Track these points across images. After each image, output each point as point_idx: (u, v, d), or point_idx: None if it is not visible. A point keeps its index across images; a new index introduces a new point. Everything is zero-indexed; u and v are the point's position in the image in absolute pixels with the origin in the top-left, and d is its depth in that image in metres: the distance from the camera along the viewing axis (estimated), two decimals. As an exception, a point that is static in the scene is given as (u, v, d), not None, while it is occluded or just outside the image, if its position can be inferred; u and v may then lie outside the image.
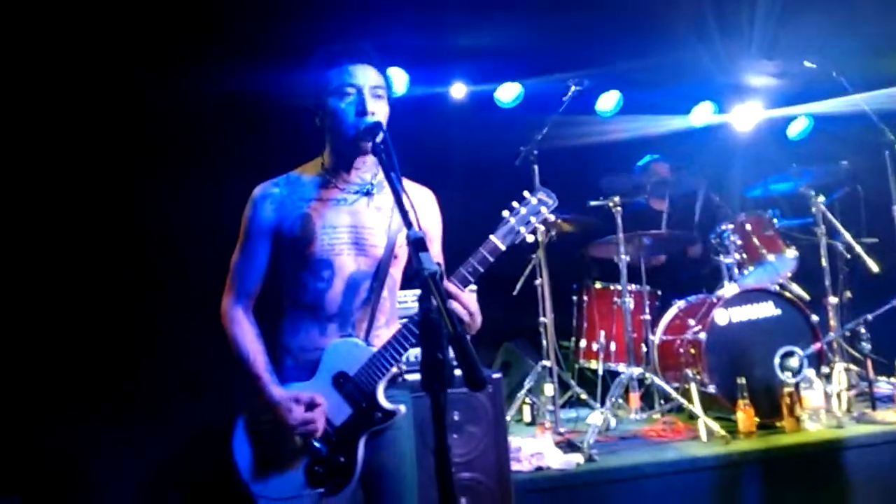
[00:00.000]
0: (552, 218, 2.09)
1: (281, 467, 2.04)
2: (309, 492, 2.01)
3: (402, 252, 2.13)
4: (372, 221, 2.10)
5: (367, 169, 2.15)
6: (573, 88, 4.43)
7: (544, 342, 4.45)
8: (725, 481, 3.56)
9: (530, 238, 2.05)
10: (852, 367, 4.41)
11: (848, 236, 4.59)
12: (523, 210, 2.04)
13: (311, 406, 2.00)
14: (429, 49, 4.82)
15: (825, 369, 4.21)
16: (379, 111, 2.05)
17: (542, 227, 2.07)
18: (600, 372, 4.64)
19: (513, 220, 2.03)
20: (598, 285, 4.88)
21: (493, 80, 5.39)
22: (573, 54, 4.93)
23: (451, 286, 1.95)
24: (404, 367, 2.14)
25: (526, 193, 2.07)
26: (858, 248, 4.53)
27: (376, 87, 2.06)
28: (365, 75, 2.05)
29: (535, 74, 5.26)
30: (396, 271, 2.16)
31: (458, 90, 5.31)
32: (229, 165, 4.04)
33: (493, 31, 4.75)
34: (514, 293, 4.63)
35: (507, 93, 5.43)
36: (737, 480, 3.57)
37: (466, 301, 1.95)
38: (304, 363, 2.07)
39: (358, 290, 2.07)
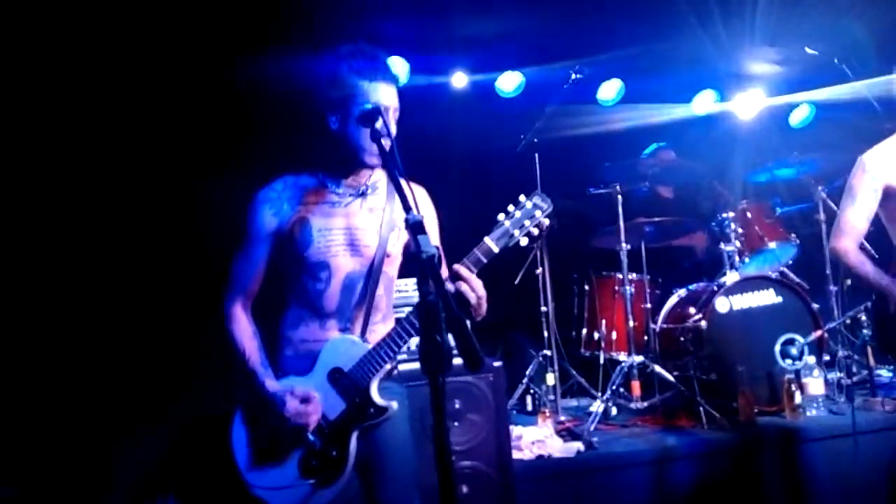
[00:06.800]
0: (546, 222, 2.09)
1: (276, 458, 2.09)
2: (301, 482, 2.06)
3: (395, 250, 2.22)
4: (365, 222, 2.17)
5: (364, 174, 2.21)
6: (573, 76, 4.42)
7: (545, 332, 4.46)
8: (725, 468, 3.58)
9: (524, 241, 2.06)
10: (853, 354, 4.41)
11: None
12: (518, 213, 2.05)
13: (305, 400, 2.05)
14: (429, 38, 4.81)
15: (826, 357, 4.22)
16: (393, 129, 2.10)
17: (536, 231, 2.07)
18: (601, 361, 4.65)
19: (507, 224, 2.04)
20: (599, 274, 4.88)
21: (495, 70, 5.37)
22: (574, 42, 4.92)
23: (461, 269, 1.98)
24: (401, 359, 2.17)
25: (521, 197, 2.08)
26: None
27: (396, 109, 2.12)
28: (390, 97, 2.09)
29: (537, 63, 5.25)
30: (391, 269, 2.23)
31: (459, 80, 5.29)
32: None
33: (494, 19, 4.74)
34: (516, 283, 4.64)
35: (509, 82, 5.42)
36: (736, 467, 3.58)
37: (476, 284, 1.99)
38: (304, 354, 2.14)
39: (354, 288, 2.14)
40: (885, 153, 2.79)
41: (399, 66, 4.87)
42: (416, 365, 1.54)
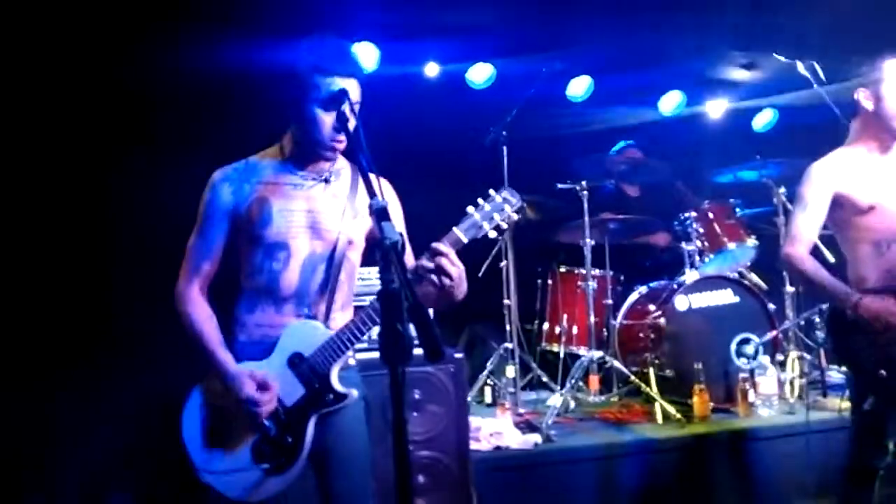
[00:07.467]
0: (516, 217, 2.10)
1: (228, 442, 2.05)
2: (253, 467, 2.03)
3: (359, 238, 2.18)
4: (327, 207, 2.13)
5: (326, 163, 2.17)
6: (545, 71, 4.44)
7: (508, 325, 4.48)
8: (679, 463, 3.64)
9: (493, 234, 2.04)
10: (806, 355, 4.52)
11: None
12: (487, 207, 2.04)
13: (263, 386, 2.01)
14: (402, 26, 4.77)
15: (780, 357, 4.32)
16: (353, 123, 2.05)
17: (504, 225, 2.07)
18: (562, 355, 4.69)
19: (477, 216, 2.02)
20: (562, 269, 4.91)
21: (466, 60, 5.35)
22: (546, 37, 4.93)
23: (440, 245, 1.95)
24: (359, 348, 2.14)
25: (491, 191, 2.07)
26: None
27: (357, 103, 2.06)
28: (351, 91, 2.04)
29: (508, 56, 5.25)
30: (354, 256, 2.19)
31: (431, 69, 5.26)
32: (199, 147, 3.95)
33: (468, 9, 4.71)
34: (480, 275, 4.64)
35: (480, 74, 5.41)
36: (691, 463, 3.65)
37: (455, 259, 1.95)
38: (259, 339, 2.09)
39: (314, 272, 2.10)
40: (834, 163, 2.83)
41: (370, 52, 4.82)
42: (376, 354, 1.53)
